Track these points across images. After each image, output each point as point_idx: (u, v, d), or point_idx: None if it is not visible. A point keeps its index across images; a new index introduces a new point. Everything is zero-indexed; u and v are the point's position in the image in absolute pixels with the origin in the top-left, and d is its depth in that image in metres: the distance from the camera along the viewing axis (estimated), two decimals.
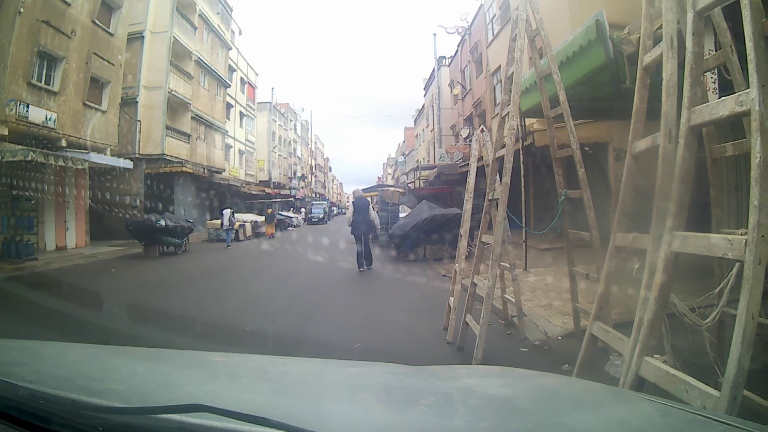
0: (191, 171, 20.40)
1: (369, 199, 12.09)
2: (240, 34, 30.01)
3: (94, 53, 14.35)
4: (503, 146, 3.97)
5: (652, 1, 2.70)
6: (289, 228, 27.86)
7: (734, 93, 1.94)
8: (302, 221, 33.87)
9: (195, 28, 21.69)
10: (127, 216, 14.02)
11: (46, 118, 12.44)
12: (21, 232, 12.14)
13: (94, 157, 13.89)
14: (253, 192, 30.60)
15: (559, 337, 4.49)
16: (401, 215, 14.64)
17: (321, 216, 37.88)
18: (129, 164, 15.67)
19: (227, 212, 17.32)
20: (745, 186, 3.50)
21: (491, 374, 1.69)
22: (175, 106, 20.27)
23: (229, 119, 28.08)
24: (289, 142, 46.69)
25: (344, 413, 1.11)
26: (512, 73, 3.93)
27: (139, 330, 4.48)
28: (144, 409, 0.91)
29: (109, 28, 15.25)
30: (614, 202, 2.98)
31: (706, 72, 2.95)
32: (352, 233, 9.89)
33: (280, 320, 5.59)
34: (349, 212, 9.95)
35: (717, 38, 2.65)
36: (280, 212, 28.59)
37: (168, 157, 19.09)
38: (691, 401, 1.71)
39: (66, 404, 0.94)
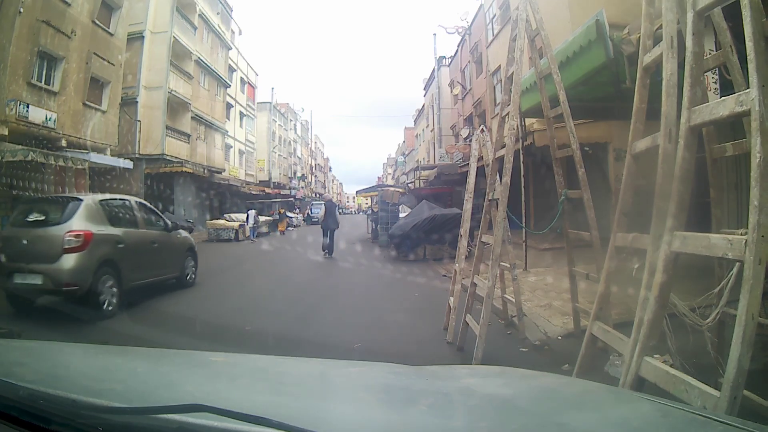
0: (191, 171, 20.36)
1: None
2: (240, 34, 30.01)
3: (94, 53, 14.32)
4: (503, 146, 3.98)
5: (652, 1, 2.70)
6: (290, 228, 27.96)
7: (734, 93, 1.94)
8: (302, 221, 33.95)
9: (195, 28, 21.66)
10: None
11: (46, 118, 12.41)
12: None
13: (94, 157, 13.86)
14: (253, 192, 30.58)
15: (559, 337, 4.49)
16: (401, 215, 14.63)
17: (321, 216, 37.90)
18: (129, 164, 15.65)
19: (252, 212, 19.95)
20: (745, 186, 3.50)
21: (491, 374, 1.69)
22: (175, 106, 20.23)
23: (229, 119, 28.04)
24: (289, 142, 46.65)
25: (344, 413, 1.11)
26: (512, 73, 3.93)
27: (138, 330, 4.48)
28: (144, 409, 0.91)
29: (109, 28, 15.22)
30: (614, 202, 2.99)
31: (706, 72, 2.95)
32: (321, 227, 13.11)
33: (280, 320, 5.59)
34: (321, 212, 13.52)
35: (717, 38, 2.66)
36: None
37: (168, 157, 19.05)
38: (691, 401, 1.71)
39: (66, 404, 0.94)
